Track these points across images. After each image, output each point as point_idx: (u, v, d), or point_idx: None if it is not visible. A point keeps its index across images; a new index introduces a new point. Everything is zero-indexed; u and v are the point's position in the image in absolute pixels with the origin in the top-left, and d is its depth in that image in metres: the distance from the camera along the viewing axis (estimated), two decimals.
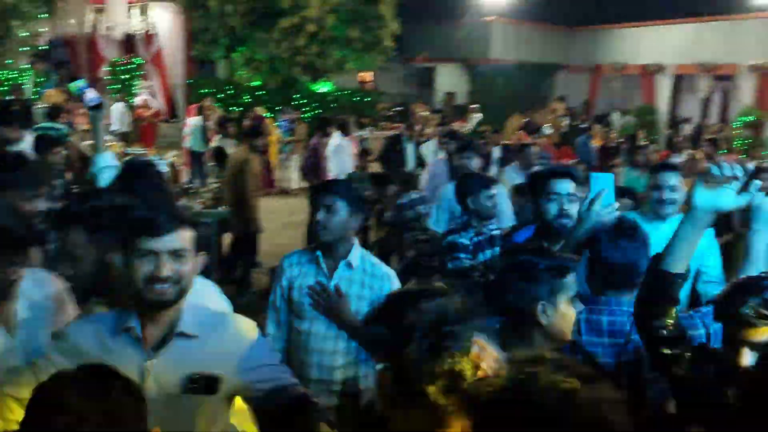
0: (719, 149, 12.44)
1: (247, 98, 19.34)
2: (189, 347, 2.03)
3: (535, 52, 22.34)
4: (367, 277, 3.19)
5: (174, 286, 1.97)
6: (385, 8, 19.81)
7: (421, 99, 22.65)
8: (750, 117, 16.90)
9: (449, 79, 25.22)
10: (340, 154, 8.95)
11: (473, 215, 4.44)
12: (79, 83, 4.24)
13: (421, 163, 9.75)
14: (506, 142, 11.78)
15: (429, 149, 9.71)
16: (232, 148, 8.92)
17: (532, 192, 3.47)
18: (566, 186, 3.29)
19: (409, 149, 10.33)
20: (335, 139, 9.66)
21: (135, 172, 3.38)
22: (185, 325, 2.04)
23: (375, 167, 11.27)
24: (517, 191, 6.27)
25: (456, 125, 17.13)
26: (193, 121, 13.42)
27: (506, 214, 5.63)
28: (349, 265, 3.18)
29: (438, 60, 24.73)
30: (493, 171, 9.08)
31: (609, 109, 21.74)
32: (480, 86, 22.74)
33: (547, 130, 16.17)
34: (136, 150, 10.77)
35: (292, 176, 13.79)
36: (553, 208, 3.28)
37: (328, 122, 9.20)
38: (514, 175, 7.79)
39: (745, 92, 17.40)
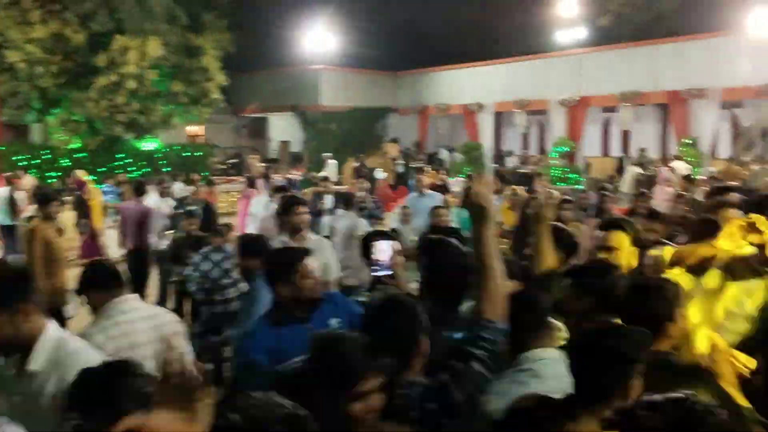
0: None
1: (66, 162, 17.98)
2: None
3: (364, 97, 22.85)
4: None
5: None
6: (209, 60, 19.40)
7: (255, 149, 22.28)
8: (563, 148, 18.22)
9: (283, 128, 25.11)
10: (156, 216, 8.32)
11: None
12: None
13: None
14: (340, 188, 11.69)
15: (260, 203, 9.32)
16: None
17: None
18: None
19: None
20: (151, 200, 9.02)
21: None
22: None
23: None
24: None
25: (293, 173, 16.93)
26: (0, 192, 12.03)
27: (332, 268, 5.39)
28: None
29: (270, 109, 24.56)
30: (325, 220, 8.90)
31: (438, 148, 22.69)
32: (313, 133, 22.80)
33: (380, 174, 16.40)
34: None
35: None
36: None
37: (141, 183, 8.55)
38: (345, 223, 7.65)
39: (557, 125, 18.78)
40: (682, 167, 13.90)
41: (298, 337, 3.02)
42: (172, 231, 8.31)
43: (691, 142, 15.84)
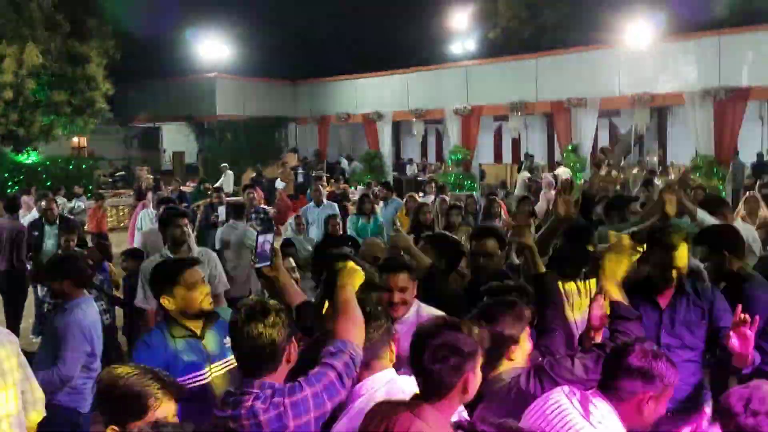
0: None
1: None
2: None
3: (262, 107, 22.51)
4: None
5: None
6: (94, 69, 18.56)
7: (146, 161, 21.48)
8: (458, 155, 18.71)
9: (176, 138, 24.34)
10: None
11: None
12: None
13: None
14: (234, 200, 11.47)
15: (147, 216, 8.98)
16: None
17: None
18: None
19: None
20: (30, 216, 8.52)
21: None
22: None
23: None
24: None
25: (187, 186, 16.44)
26: None
27: (219, 280, 5.26)
28: None
29: (162, 119, 23.77)
30: (218, 232, 8.67)
31: (339, 157, 22.73)
32: (209, 143, 22.25)
33: (280, 184, 16.23)
34: None
35: None
36: None
37: (14, 199, 8.04)
38: (237, 234, 7.49)
39: (453, 134, 19.27)
40: (564, 173, 14.60)
41: (193, 350, 2.98)
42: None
43: (572, 148, 16.66)
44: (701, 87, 14.48)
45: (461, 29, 21.70)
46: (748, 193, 7.73)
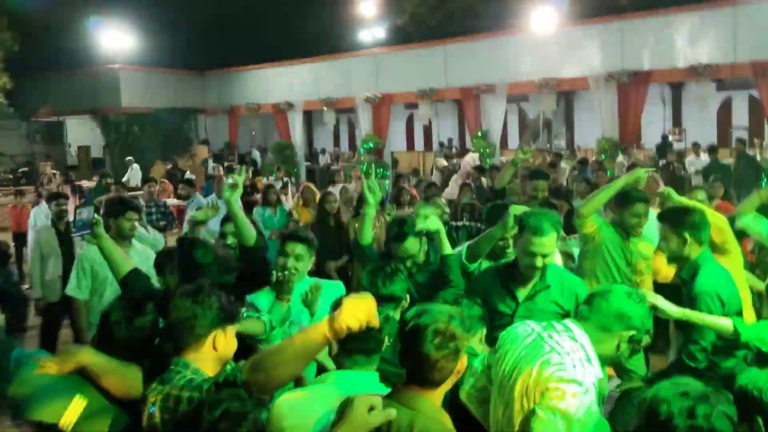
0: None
1: None
2: None
3: (169, 98, 21.93)
4: None
5: None
6: None
7: (50, 156, 20.60)
8: (371, 143, 18.87)
9: (82, 132, 23.42)
10: None
11: None
12: None
13: None
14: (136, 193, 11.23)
15: (41, 213, 8.62)
16: None
17: None
18: None
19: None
20: None
21: None
22: None
23: None
24: None
25: (92, 181, 15.95)
26: None
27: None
28: None
29: (65, 113, 22.82)
30: None
31: (250, 148, 22.46)
32: (115, 137, 21.54)
33: (191, 175, 15.97)
34: None
35: None
36: None
37: None
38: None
39: (364, 122, 19.37)
40: (472, 159, 14.99)
41: None
42: None
43: (482, 134, 17.08)
44: (605, 71, 14.85)
45: (370, 17, 21.79)
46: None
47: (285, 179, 13.94)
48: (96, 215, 3.11)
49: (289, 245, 3.50)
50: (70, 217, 7.06)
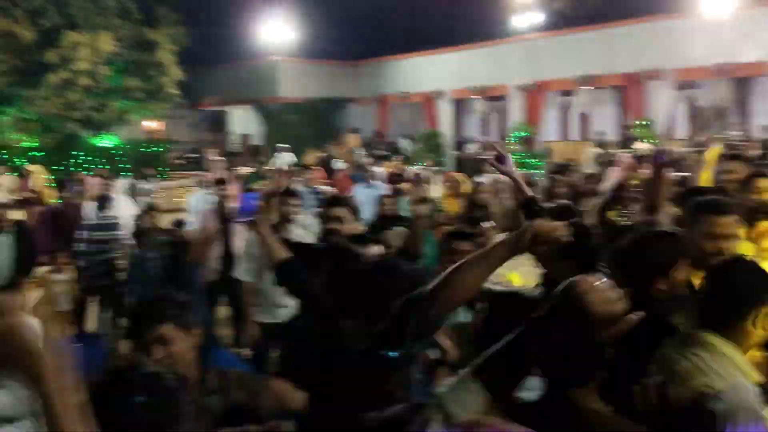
0: None
1: (22, 161, 17.58)
2: None
3: (323, 88, 22.68)
4: None
5: None
6: (164, 55, 19.06)
7: (214, 144, 22.01)
8: (523, 133, 18.30)
9: (242, 121, 24.84)
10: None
11: None
12: None
13: None
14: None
15: (197, 198, 9.05)
16: None
17: None
18: None
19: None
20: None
21: None
22: None
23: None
24: None
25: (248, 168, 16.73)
26: None
27: None
28: None
29: (229, 103, 24.29)
30: None
31: (398, 137, 22.62)
32: (273, 125, 22.60)
33: (340, 164, 16.30)
34: None
35: None
36: None
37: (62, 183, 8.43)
38: None
39: (515, 111, 18.85)
40: (645, 149, 14.01)
41: None
42: None
43: (646, 123, 15.98)
44: None
45: (526, 2, 21.07)
46: None
47: (434, 168, 13.82)
48: (260, 202, 3.13)
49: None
50: (232, 203, 7.45)
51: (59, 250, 6.98)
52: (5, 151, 17.84)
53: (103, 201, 7.15)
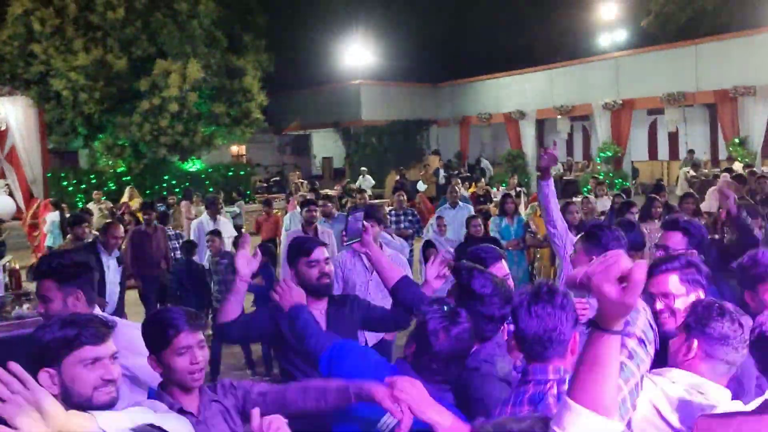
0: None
1: (113, 185, 18.44)
2: None
3: (404, 111, 22.83)
4: None
5: None
6: (250, 81, 19.66)
7: (298, 167, 22.46)
8: (608, 152, 17.78)
9: (325, 144, 25.27)
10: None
11: None
12: None
13: None
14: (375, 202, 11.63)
15: (295, 217, 9.31)
16: None
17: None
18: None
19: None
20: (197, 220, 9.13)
21: None
22: None
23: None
24: None
25: (335, 190, 16.96)
26: (50, 218, 12.24)
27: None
28: None
29: (311, 126, 24.77)
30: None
31: (480, 158, 22.45)
32: (355, 148, 22.88)
33: (421, 186, 16.30)
34: None
35: None
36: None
37: (151, 205, 8.73)
38: None
39: (602, 130, 18.35)
40: (739, 168, 13.37)
41: None
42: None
43: (739, 141, 15.24)
44: None
45: (610, 20, 20.62)
46: None
47: (518, 189, 13.60)
48: (364, 223, 3.05)
49: None
50: (318, 223, 7.53)
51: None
52: (96, 176, 18.73)
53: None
